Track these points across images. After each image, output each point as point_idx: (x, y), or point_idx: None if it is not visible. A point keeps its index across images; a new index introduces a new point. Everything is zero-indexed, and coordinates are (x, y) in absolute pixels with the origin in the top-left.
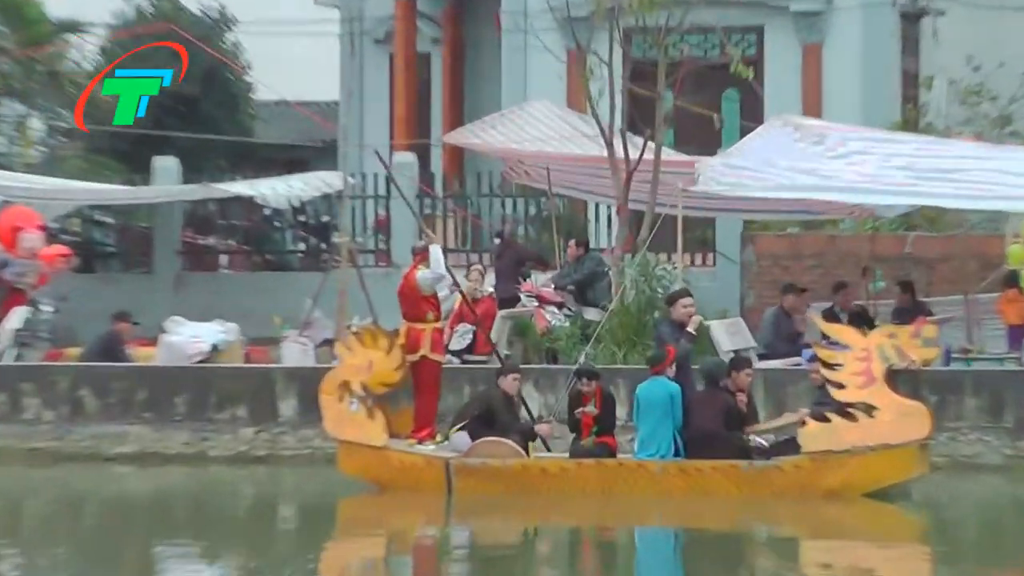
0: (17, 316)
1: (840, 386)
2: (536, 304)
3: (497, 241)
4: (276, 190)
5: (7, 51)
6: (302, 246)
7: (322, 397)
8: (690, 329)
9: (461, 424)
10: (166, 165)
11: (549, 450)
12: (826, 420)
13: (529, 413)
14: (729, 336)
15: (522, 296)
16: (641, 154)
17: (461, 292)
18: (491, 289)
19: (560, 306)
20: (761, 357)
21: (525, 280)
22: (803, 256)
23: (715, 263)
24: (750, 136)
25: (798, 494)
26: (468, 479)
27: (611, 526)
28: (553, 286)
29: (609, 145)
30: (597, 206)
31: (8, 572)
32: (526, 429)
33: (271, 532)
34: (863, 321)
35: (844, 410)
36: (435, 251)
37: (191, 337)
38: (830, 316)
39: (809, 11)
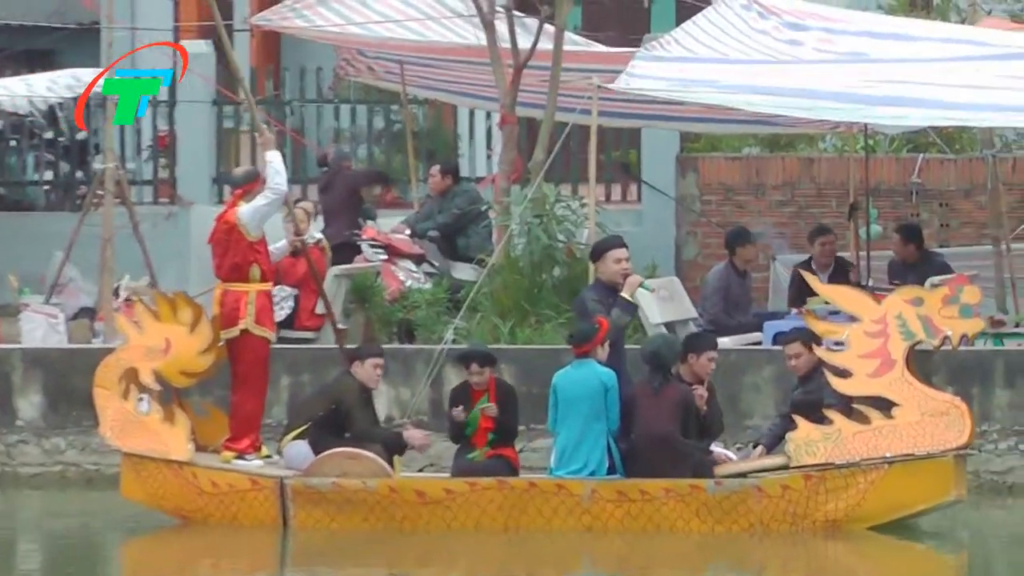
0: None
1: (844, 373)
2: (384, 257)
3: (324, 170)
4: (11, 92)
5: None
6: (49, 175)
7: (97, 392)
8: (625, 294)
9: (299, 429)
10: None
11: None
12: (824, 421)
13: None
14: (660, 303)
15: (364, 246)
16: (535, 41)
17: (298, 235)
18: (320, 236)
19: (419, 260)
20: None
21: (367, 223)
22: (766, 187)
23: (640, 198)
24: (695, 19)
25: (786, 527)
26: (312, 508)
27: None
28: (408, 231)
29: (489, 28)
30: (472, 115)
31: None
32: (392, 437)
33: None
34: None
35: (849, 407)
36: (275, 159)
37: None
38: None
39: None
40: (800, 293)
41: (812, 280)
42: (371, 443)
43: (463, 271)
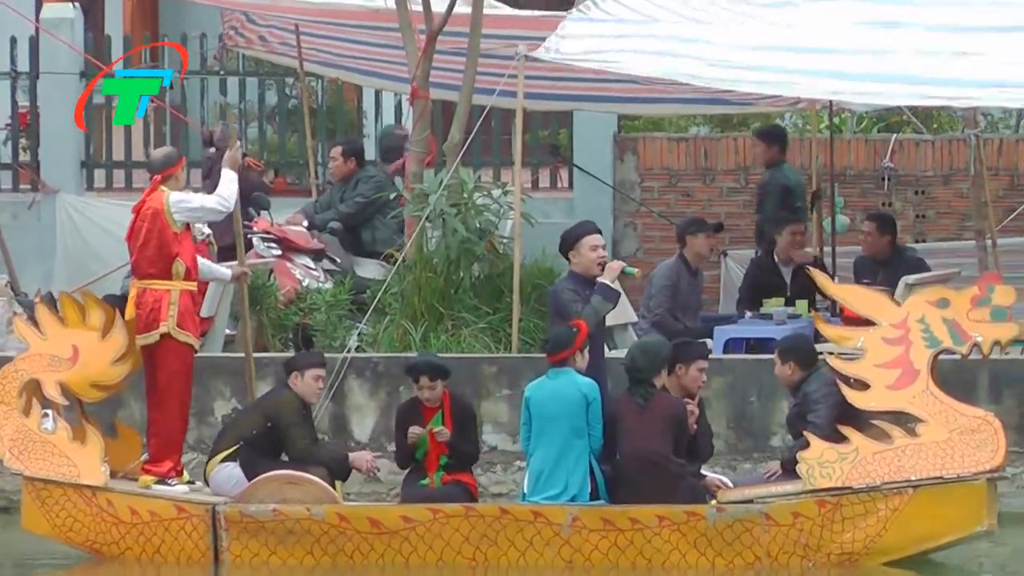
0: None
1: (861, 385)
2: (277, 252)
3: (210, 151)
4: None
5: None
6: None
7: None
8: (606, 279)
9: (228, 451)
10: None
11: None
12: (841, 439)
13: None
14: None
15: (254, 239)
16: (451, 3)
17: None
18: (208, 231)
19: (318, 256)
20: None
21: (259, 214)
22: (716, 172)
23: (571, 184)
24: None
25: (797, 560)
26: (249, 540)
27: None
28: (306, 223)
29: None
30: (379, 94)
31: None
32: (337, 459)
33: None
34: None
35: (868, 423)
36: (232, 178)
37: None
38: (764, 270)
39: None
40: (754, 293)
41: (820, 277)
42: (314, 466)
43: (369, 268)
